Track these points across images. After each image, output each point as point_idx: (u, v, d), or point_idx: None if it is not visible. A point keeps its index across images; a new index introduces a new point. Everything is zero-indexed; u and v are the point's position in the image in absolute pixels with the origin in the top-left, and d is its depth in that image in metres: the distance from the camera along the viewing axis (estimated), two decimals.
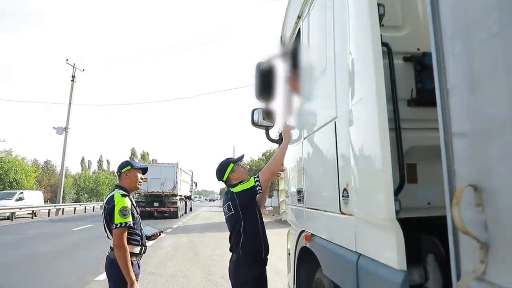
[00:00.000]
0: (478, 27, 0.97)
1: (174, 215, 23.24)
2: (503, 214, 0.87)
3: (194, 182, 33.80)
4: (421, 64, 1.88)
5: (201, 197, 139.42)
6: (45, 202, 46.32)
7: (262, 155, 43.08)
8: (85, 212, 32.63)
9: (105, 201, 3.04)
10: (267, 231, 3.07)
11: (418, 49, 1.94)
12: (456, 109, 1.05)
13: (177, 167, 23.55)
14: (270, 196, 31.30)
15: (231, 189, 3.05)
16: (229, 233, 3.09)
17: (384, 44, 1.76)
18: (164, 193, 22.65)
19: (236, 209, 2.96)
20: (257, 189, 2.95)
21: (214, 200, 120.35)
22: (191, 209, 34.10)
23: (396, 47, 1.86)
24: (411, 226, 1.74)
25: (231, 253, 3.03)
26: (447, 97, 1.08)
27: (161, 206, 22.82)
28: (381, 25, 1.66)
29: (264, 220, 3.16)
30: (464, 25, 1.03)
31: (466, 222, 0.94)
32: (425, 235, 1.87)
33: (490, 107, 0.94)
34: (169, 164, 23.71)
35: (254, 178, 2.99)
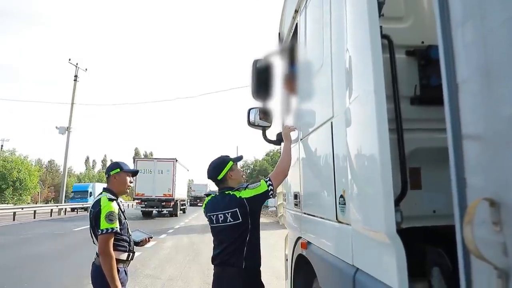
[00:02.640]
0: (492, 11, 0.80)
1: None
2: None
3: (210, 190, 74.75)
4: (426, 58, 1.71)
5: None
6: (48, 201, 46.58)
7: (266, 155, 43.01)
8: (87, 212, 32.52)
9: (91, 204, 2.89)
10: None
11: (423, 42, 1.78)
12: (467, 107, 0.89)
13: (207, 185, 48.09)
14: (274, 196, 31.14)
15: (238, 194, 2.61)
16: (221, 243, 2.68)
17: (384, 36, 1.60)
18: (200, 196, 47.73)
19: (245, 217, 2.55)
20: (270, 194, 2.63)
21: None
22: None
23: (398, 40, 1.70)
24: (414, 235, 1.58)
25: (220, 267, 2.67)
26: (456, 93, 0.91)
27: (199, 202, 47.56)
28: (381, 15, 1.50)
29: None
30: (476, 9, 0.86)
31: (480, 243, 0.78)
32: (430, 246, 1.71)
33: (508, 104, 0.78)
34: (204, 184, 50.29)
35: (266, 182, 2.64)
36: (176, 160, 24.68)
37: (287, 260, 3.54)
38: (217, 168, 2.77)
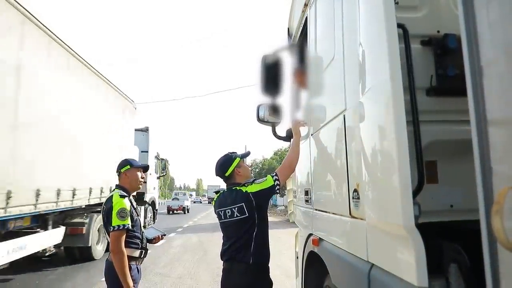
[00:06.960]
0: None
1: None
2: None
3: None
4: (442, 48, 1.65)
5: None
6: None
7: (274, 154, 42.95)
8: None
9: (104, 201, 2.92)
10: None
11: (438, 31, 1.72)
12: (493, 90, 0.84)
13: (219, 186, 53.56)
14: (282, 195, 30.94)
15: (244, 189, 2.62)
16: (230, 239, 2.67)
17: (399, 25, 1.55)
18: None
19: (252, 212, 2.55)
20: (276, 188, 2.60)
21: None
22: None
23: (412, 29, 1.64)
24: (430, 231, 1.53)
25: (228, 263, 2.65)
26: (480, 77, 0.86)
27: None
28: (395, 3, 1.45)
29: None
30: None
31: (511, 234, 0.73)
32: (447, 242, 1.66)
33: None
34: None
35: (273, 176, 2.63)
36: (220, 186, 56.37)
37: (297, 257, 3.50)
38: (224, 165, 2.79)
